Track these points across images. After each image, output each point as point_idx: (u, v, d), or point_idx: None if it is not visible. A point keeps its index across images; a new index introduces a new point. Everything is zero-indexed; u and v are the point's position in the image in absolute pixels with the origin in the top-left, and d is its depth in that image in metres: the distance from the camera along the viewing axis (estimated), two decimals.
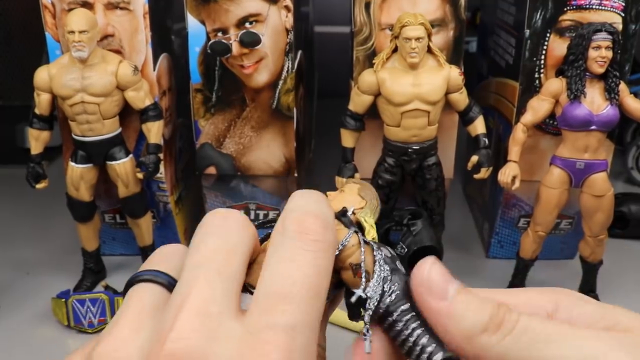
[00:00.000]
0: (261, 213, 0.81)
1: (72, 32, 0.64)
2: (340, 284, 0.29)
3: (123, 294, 0.24)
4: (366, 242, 0.29)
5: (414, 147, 0.69)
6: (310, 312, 0.22)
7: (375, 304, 0.27)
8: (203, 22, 0.71)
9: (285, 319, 0.21)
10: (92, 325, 0.68)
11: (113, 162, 0.71)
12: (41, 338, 0.68)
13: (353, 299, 0.27)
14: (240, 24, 0.71)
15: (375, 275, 0.28)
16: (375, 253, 0.29)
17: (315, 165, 1.03)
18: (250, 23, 0.71)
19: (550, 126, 0.74)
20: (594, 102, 0.67)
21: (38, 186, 0.72)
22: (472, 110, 0.71)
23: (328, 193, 0.31)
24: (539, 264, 0.76)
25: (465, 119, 0.71)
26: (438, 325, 0.24)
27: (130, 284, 0.24)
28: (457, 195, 1.03)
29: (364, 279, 0.28)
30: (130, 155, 0.72)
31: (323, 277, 0.23)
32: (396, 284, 0.28)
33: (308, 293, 0.22)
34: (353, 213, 0.31)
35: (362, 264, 0.28)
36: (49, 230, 0.90)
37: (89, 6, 0.68)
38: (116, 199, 0.75)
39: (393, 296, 0.28)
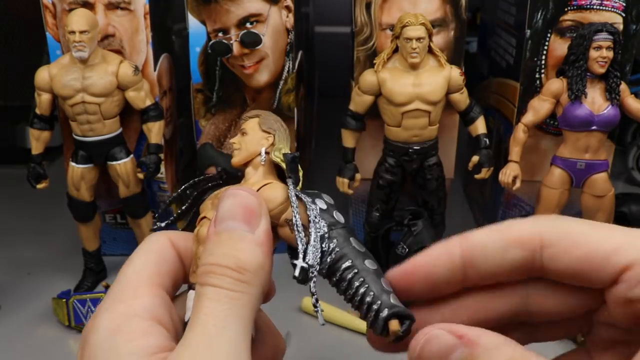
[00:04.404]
0: None
1: (73, 32, 0.64)
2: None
3: None
4: (298, 198, 0.28)
5: (415, 147, 0.69)
6: None
7: (317, 269, 0.26)
8: (204, 22, 0.71)
9: None
10: None
11: (114, 162, 0.71)
12: (42, 338, 0.68)
13: (296, 273, 0.26)
14: (241, 24, 0.71)
15: (312, 238, 0.27)
16: (308, 208, 0.27)
17: (316, 165, 1.03)
18: (251, 23, 0.71)
19: (551, 126, 0.74)
20: (595, 102, 0.67)
21: (39, 186, 0.72)
22: (472, 110, 0.71)
23: (231, 141, 0.31)
24: None
25: (466, 119, 0.71)
26: None
27: None
28: (458, 196, 1.03)
29: (300, 245, 0.27)
30: (131, 155, 0.72)
31: None
32: (334, 239, 0.27)
33: None
34: (267, 153, 0.30)
35: (296, 223, 0.27)
36: (49, 230, 0.90)
37: (90, 6, 0.68)
38: (117, 199, 0.75)
39: (333, 254, 0.27)
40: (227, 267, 0.25)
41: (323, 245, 0.27)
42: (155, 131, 0.71)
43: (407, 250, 0.66)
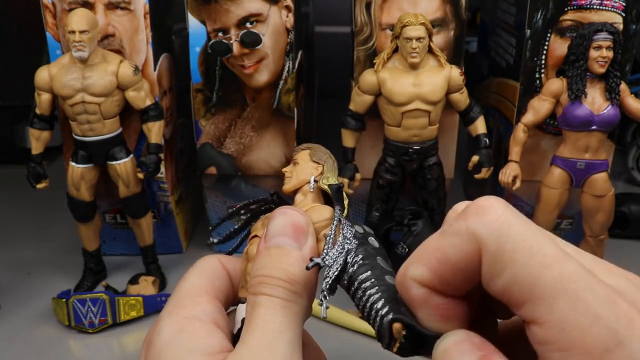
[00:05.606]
0: None
1: (73, 32, 0.64)
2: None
3: None
4: (340, 221, 0.30)
5: (415, 147, 0.69)
6: None
7: (335, 272, 0.28)
8: (204, 22, 0.71)
9: None
10: (92, 325, 0.68)
11: (114, 162, 0.71)
12: (42, 338, 0.68)
13: (309, 265, 0.28)
14: (241, 24, 0.71)
15: (337, 246, 0.29)
16: (343, 227, 0.30)
17: None
18: (251, 23, 0.71)
19: (551, 126, 0.74)
20: (595, 102, 0.67)
21: (39, 186, 0.72)
22: (472, 110, 0.71)
23: (284, 170, 0.35)
24: None
25: (466, 119, 0.71)
26: None
27: None
28: (458, 196, 1.03)
29: (325, 249, 0.29)
30: (131, 155, 0.72)
31: None
32: (360, 255, 0.29)
33: None
34: (315, 181, 0.33)
35: (331, 235, 0.29)
36: (49, 230, 0.90)
37: (90, 6, 0.68)
38: (117, 199, 0.75)
39: (355, 267, 0.28)
40: (280, 279, 0.27)
41: (348, 258, 0.29)
42: (155, 131, 0.71)
43: (407, 250, 0.65)
